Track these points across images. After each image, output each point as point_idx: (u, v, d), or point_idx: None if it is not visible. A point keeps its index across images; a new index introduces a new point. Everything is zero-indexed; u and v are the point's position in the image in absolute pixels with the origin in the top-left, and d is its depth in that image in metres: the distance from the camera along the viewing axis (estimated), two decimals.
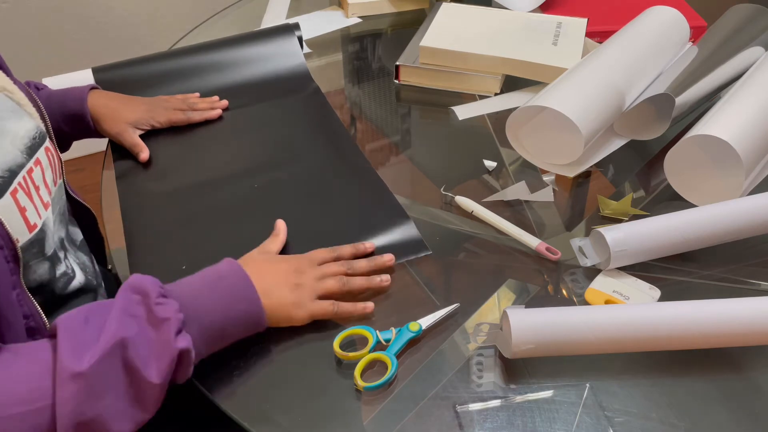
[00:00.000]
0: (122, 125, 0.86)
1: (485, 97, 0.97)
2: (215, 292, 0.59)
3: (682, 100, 0.80)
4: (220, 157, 0.85)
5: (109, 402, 0.51)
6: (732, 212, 0.68)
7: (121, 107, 0.87)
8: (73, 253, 0.73)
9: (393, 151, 0.89)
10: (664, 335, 0.58)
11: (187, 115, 0.90)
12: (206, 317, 0.57)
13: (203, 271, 0.61)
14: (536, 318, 0.58)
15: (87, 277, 0.72)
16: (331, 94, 0.99)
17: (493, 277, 0.69)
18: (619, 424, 0.56)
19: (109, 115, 0.85)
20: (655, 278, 0.68)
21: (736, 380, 0.59)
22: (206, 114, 0.91)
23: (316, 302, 0.63)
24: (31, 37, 1.69)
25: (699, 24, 1.08)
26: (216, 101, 0.93)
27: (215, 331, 0.58)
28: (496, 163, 0.84)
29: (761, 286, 0.68)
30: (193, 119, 0.90)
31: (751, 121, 0.73)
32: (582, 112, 0.76)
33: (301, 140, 0.87)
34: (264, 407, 0.58)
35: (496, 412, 0.57)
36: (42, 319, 0.60)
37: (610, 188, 0.81)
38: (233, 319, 0.59)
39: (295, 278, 0.63)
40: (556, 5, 1.16)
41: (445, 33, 1.00)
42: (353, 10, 1.19)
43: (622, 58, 0.85)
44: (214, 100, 0.93)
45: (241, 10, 1.23)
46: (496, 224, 0.75)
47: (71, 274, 0.69)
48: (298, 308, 0.62)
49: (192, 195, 0.79)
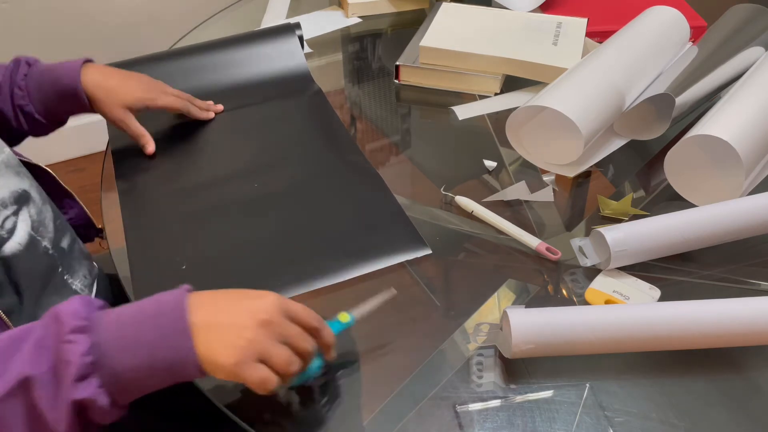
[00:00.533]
0: (121, 111, 0.81)
1: (485, 97, 0.97)
2: (142, 331, 0.49)
3: (682, 100, 0.80)
4: (221, 157, 0.85)
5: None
6: (732, 212, 0.68)
7: (118, 87, 0.82)
8: (26, 212, 0.67)
9: (393, 151, 0.89)
10: (664, 335, 0.58)
11: (186, 106, 0.87)
12: (123, 361, 0.48)
13: (149, 300, 0.52)
14: (536, 318, 0.58)
15: (37, 239, 0.67)
16: (331, 94, 0.99)
17: (493, 277, 0.69)
18: (619, 424, 0.56)
19: (105, 98, 0.80)
20: (655, 278, 0.68)
21: (736, 380, 0.59)
22: (202, 114, 0.89)
23: (258, 366, 0.50)
24: (31, 37, 1.69)
25: (699, 24, 1.08)
26: (211, 105, 0.91)
27: (130, 380, 0.48)
28: (496, 163, 0.84)
29: (761, 286, 0.68)
30: (191, 112, 0.88)
31: (751, 121, 0.73)
32: (582, 112, 0.76)
33: (301, 140, 0.87)
34: (264, 408, 0.58)
35: (496, 412, 0.57)
36: None
37: (610, 188, 0.81)
38: (156, 369, 0.49)
39: (254, 331, 0.50)
40: (556, 5, 1.16)
41: (445, 33, 1.00)
42: (353, 10, 1.19)
43: (622, 58, 0.85)
44: (209, 104, 0.92)
45: (241, 10, 1.23)
46: (496, 224, 0.75)
47: (5, 236, 0.64)
48: (241, 367, 0.49)
49: (192, 195, 0.79)
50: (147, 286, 0.68)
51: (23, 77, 0.79)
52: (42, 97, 0.79)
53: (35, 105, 0.79)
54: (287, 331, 0.51)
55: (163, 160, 0.85)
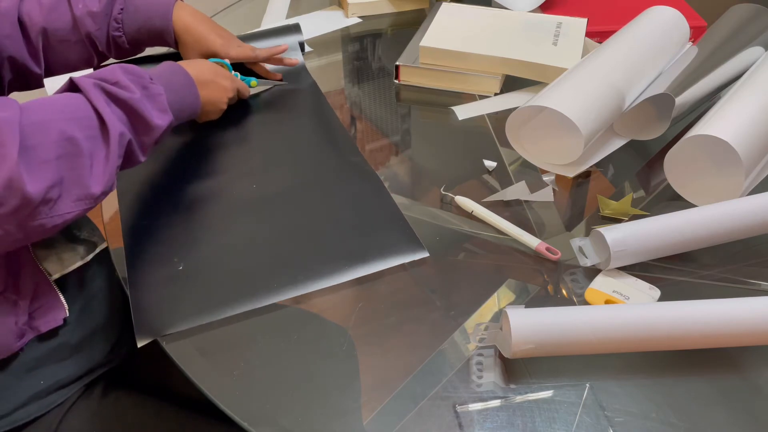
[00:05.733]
0: (196, 58, 0.88)
1: (485, 97, 0.97)
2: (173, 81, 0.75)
3: (682, 100, 0.80)
4: (219, 157, 0.85)
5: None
6: (732, 212, 0.68)
7: (203, 37, 0.88)
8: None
9: (393, 151, 0.89)
10: (664, 335, 0.58)
11: (255, 53, 0.93)
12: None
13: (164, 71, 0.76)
14: (536, 318, 0.58)
15: None
16: (331, 94, 0.99)
17: (493, 277, 0.69)
18: (619, 424, 0.56)
19: (189, 43, 0.89)
20: (655, 278, 0.68)
21: (736, 380, 0.59)
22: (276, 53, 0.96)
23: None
24: None
25: (699, 24, 1.08)
26: (276, 49, 0.97)
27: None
28: (496, 163, 0.84)
29: (761, 286, 0.68)
30: (258, 57, 0.94)
31: (751, 121, 0.73)
32: (582, 112, 0.76)
33: (299, 140, 0.87)
34: (264, 407, 0.58)
35: (496, 412, 0.57)
36: None
37: (610, 188, 0.81)
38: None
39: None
40: (556, 5, 1.16)
41: (445, 33, 1.00)
42: (353, 10, 1.19)
43: (622, 58, 0.85)
44: (274, 50, 0.96)
45: (241, 10, 1.23)
46: (496, 224, 0.75)
47: None
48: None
49: (191, 194, 0.79)
50: (144, 286, 0.68)
51: (120, 11, 0.84)
52: (134, 32, 0.86)
53: (127, 37, 0.86)
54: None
55: (162, 159, 0.85)
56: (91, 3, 0.82)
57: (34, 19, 0.80)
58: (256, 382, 0.60)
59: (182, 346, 0.63)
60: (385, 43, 1.13)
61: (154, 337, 0.63)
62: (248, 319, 0.65)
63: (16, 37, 0.79)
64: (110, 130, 0.62)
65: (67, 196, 0.59)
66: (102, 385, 0.77)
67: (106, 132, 0.62)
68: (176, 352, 0.62)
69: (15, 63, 0.80)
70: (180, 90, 0.76)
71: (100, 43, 0.84)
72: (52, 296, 0.72)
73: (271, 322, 0.65)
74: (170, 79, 0.75)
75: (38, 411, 0.72)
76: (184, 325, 0.64)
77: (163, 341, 0.63)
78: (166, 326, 0.64)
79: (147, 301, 0.67)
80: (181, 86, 0.76)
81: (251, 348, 0.62)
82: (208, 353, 0.62)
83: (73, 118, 0.60)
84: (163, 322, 0.65)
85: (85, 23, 0.82)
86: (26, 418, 0.71)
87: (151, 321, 0.65)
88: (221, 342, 0.63)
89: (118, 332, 0.79)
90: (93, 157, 0.61)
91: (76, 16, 0.81)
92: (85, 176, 0.60)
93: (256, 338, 0.63)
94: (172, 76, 0.76)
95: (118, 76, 0.66)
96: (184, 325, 0.64)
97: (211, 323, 0.64)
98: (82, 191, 0.60)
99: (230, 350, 0.62)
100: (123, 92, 0.65)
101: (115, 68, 0.67)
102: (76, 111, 0.61)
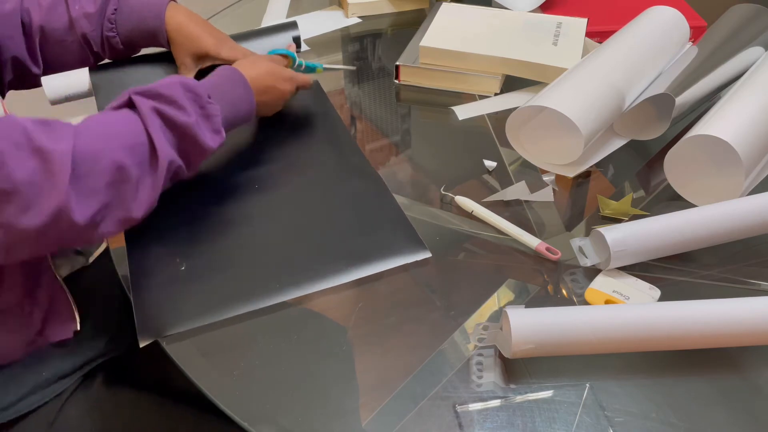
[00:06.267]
0: (188, 60, 0.86)
1: (485, 97, 0.97)
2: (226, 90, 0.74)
3: (682, 100, 0.80)
4: (220, 157, 0.85)
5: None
6: (732, 212, 0.68)
7: (195, 37, 0.86)
8: None
9: (393, 151, 0.89)
10: (664, 335, 0.58)
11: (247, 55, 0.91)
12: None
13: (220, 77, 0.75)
14: (536, 318, 0.58)
15: None
16: (331, 94, 0.99)
17: (493, 277, 0.69)
18: (619, 424, 0.56)
19: (181, 44, 0.86)
20: (655, 278, 0.68)
21: (736, 380, 0.59)
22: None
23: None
24: None
25: (699, 24, 1.08)
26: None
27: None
28: (496, 163, 0.84)
29: (761, 286, 0.68)
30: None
31: (751, 121, 0.73)
32: (582, 112, 0.76)
33: (301, 141, 0.87)
34: (264, 407, 0.58)
35: (496, 412, 0.57)
36: None
37: (610, 188, 0.81)
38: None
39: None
40: (556, 5, 1.16)
41: (445, 33, 1.00)
42: (353, 10, 1.19)
43: (622, 58, 0.85)
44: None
45: (241, 10, 1.23)
46: (496, 224, 0.75)
47: None
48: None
49: (192, 195, 0.79)
50: (146, 286, 0.68)
51: (113, 11, 0.84)
52: (127, 32, 0.84)
53: (120, 37, 0.84)
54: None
55: None
56: (87, 4, 0.82)
57: (34, 19, 0.80)
58: (256, 382, 0.60)
59: (182, 345, 0.63)
60: (385, 43, 1.13)
61: (157, 338, 0.63)
62: (248, 320, 0.65)
63: (17, 38, 0.80)
64: (159, 157, 0.62)
65: (110, 219, 0.60)
66: (101, 377, 0.78)
67: (156, 159, 0.63)
68: (176, 352, 0.62)
69: (16, 63, 0.80)
70: (237, 103, 0.74)
71: (95, 44, 0.84)
72: (66, 308, 0.74)
73: (271, 322, 0.65)
74: (229, 92, 0.73)
75: (39, 401, 0.73)
76: (187, 325, 0.64)
77: (164, 341, 0.63)
78: (169, 327, 0.64)
79: (149, 301, 0.67)
80: (239, 99, 0.75)
81: (251, 348, 0.62)
82: (208, 353, 0.62)
83: (126, 145, 0.61)
84: (166, 323, 0.65)
85: (81, 24, 0.82)
86: (28, 407, 0.72)
87: (153, 321, 0.65)
88: (221, 342, 0.63)
89: (116, 325, 0.80)
90: (139, 183, 0.62)
91: (73, 17, 0.81)
92: (129, 201, 0.61)
93: (256, 338, 0.63)
94: (232, 88, 0.74)
95: (177, 94, 0.65)
96: (187, 326, 0.64)
97: (211, 323, 0.65)
98: (124, 214, 0.61)
99: (230, 350, 0.62)
100: (179, 116, 0.65)
101: (175, 83, 0.67)
102: (130, 138, 0.62)
